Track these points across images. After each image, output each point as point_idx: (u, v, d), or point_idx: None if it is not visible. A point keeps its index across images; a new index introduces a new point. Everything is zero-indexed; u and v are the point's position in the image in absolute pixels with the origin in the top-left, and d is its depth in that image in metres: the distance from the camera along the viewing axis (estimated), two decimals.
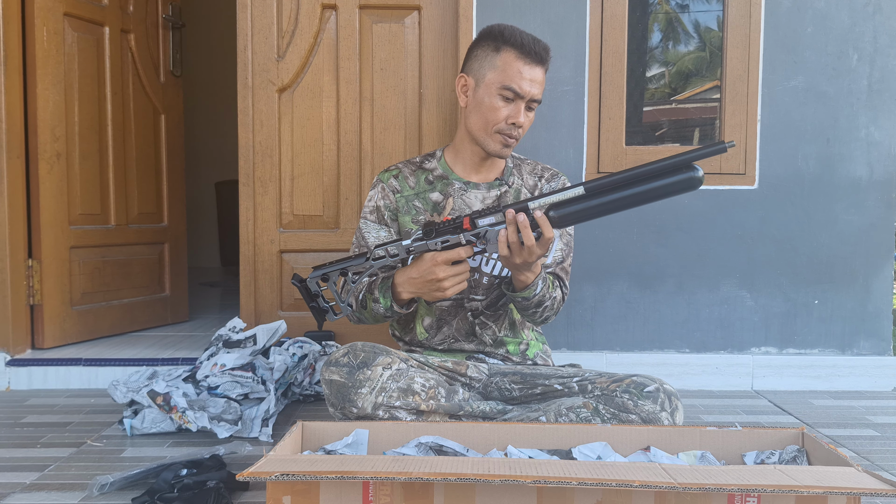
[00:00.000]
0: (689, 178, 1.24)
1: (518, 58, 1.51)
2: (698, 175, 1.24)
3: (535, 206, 1.34)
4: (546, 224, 1.32)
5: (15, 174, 2.23)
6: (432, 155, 1.70)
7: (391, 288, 1.49)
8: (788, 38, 2.24)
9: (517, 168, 1.69)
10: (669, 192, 1.26)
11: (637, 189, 1.27)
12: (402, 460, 1.12)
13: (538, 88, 1.54)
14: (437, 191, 1.64)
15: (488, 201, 1.63)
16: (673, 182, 1.25)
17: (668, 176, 1.25)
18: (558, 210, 1.32)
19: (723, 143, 1.22)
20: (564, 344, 2.28)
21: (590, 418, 1.41)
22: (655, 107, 2.50)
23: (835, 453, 1.22)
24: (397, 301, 1.49)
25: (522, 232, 1.33)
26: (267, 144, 2.27)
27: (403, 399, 1.44)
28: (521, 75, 1.51)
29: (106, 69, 2.52)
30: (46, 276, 2.32)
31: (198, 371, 1.80)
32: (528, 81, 1.52)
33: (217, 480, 1.34)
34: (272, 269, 2.29)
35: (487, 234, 1.38)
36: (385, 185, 1.66)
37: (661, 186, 1.25)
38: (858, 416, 1.98)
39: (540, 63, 1.53)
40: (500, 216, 1.37)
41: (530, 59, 1.52)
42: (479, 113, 1.56)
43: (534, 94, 1.53)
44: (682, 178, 1.24)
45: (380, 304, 1.51)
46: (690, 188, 1.25)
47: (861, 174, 2.26)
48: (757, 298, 2.28)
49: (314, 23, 2.25)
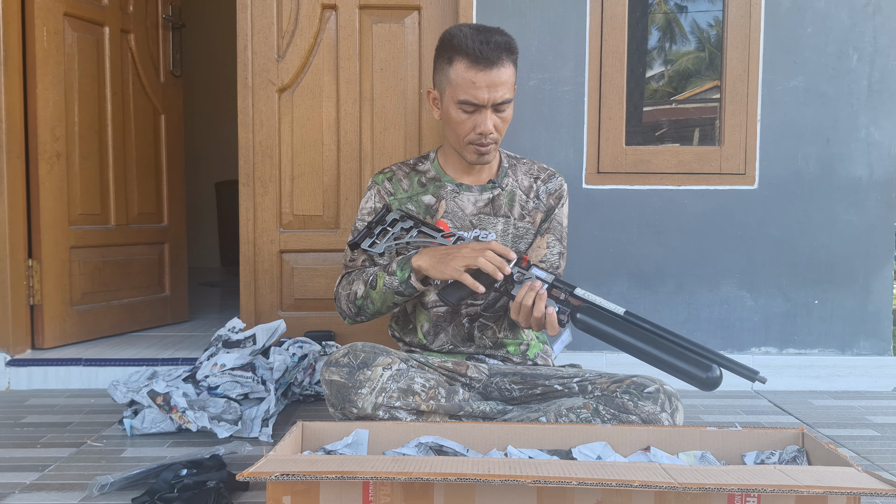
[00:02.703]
0: (707, 378, 1.26)
1: (468, 67, 1.45)
2: (715, 375, 1.26)
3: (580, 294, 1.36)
4: (553, 321, 1.35)
5: (15, 174, 2.23)
6: (426, 157, 1.70)
7: (410, 261, 1.47)
8: (788, 38, 2.24)
9: (512, 169, 1.67)
10: (683, 377, 1.29)
11: (659, 353, 1.29)
12: (402, 460, 1.12)
13: (501, 91, 1.47)
14: (430, 193, 1.63)
15: (480, 204, 1.62)
16: (692, 373, 1.27)
17: (691, 364, 1.27)
18: (586, 315, 1.34)
19: (757, 372, 1.25)
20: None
21: (590, 419, 1.41)
22: (655, 107, 2.50)
23: (835, 453, 1.22)
24: (416, 272, 1.46)
25: (537, 303, 1.36)
26: (267, 144, 2.27)
27: (403, 399, 1.44)
28: (474, 85, 1.45)
29: (106, 69, 2.52)
30: (46, 277, 2.32)
31: (198, 371, 1.80)
32: (485, 89, 1.45)
33: (217, 480, 1.34)
34: (272, 269, 2.29)
35: (524, 280, 1.41)
36: (380, 186, 1.66)
37: (679, 367, 1.28)
38: (858, 416, 1.98)
39: (494, 65, 1.45)
40: (551, 277, 1.40)
41: (482, 65, 1.44)
42: (450, 127, 1.55)
43: (495, 99, 1.47)
44: (700, 374, 1.26)
45: (395, 278, 1.48)
46: (703, 386, 1.27)
47: (861, 174, 2.26)
48: (757, 298, 2.28)
49: (314, 23, 2.25)
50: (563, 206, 1.67)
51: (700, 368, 1.26)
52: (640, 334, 1.31)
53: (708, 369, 1.26)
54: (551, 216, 1.66)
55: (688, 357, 1.27)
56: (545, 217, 1.66)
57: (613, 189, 2.26)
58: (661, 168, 2.26)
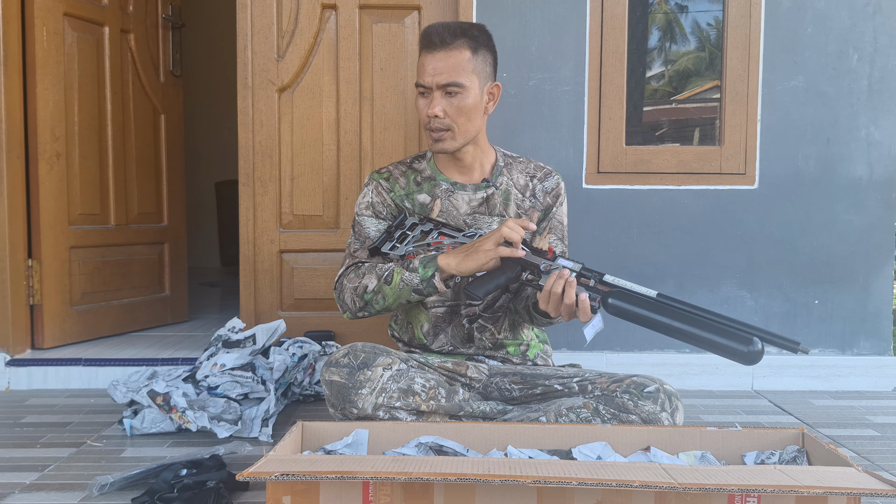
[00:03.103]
0: (749, 352, 1.22)
1: (423, 52, 1.51)
2: (757, 349, 1.22)
3: (609, 280, 1.35)
4: (585, 307, 1.32)
5: (15, 174, 2.23)
6: (423, 155, 1.69)
7: (435, 259, 1.46)
8: (788, 38, 2.24)
9: (507, 167, 1.66)
10: (724, 353, 1.25)
11: (698, 331, 1.25)
12: (402, 460, 1.12)
13: (444, 75, 1.47)
14: (425, 192, 1.63)
15: (474, 203, 1.61)
16: (733, 348, 1.23)
17: (732, 339, 1.23)
18: (618, 300, 1.31)
19: (798, 343, 1.22)
20: (564, 344, 2.28)
21: (590, 419, 1.41)
22: (655, 107, 2.51)
23: (835, 453, 1.22)
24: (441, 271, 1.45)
25: (567, 290, 1.33)
26: (267, 144, 2.27)
27: (404, 399, 1.44)
28: (423, 68, 1.50)
29: (106, 69, 2.52)
30: (46, 276, 2.32)
31: (197, 371, 1.80)
32: (430, 69, 1.49)
33: (217, 480, 1.34)
34: (272, 269, 2.29)
35: (551, 269, 1.39)
36: (378, 182, 1.66)
37: (720, 343, 1.24)
38: (858, 416, 1.98)
39: (441, 48, 1.47)
40: (578, 266, 1.38)
41: (431, 48, 1.49)
42: None
43: (439, 81, 1.48)
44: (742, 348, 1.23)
45: (416, 275, 1.46)
46: (745, 361, 1.23)
47: (861, 174, 2.26)
48: (757, 298, 2.28)
49: (314, 23, 2.25)
50: (562, 205, 1.67)
51: (741, 342, 1.22)
52: (675, 314, 1.27)
53: (749, 342, 1.22)
54: (550, 215, 1.65)
55: (727, 332, 1.24)
56: (543, 216, 1.65)
57: (613, 189, 2.26)
58: (661, 168, 2.26)
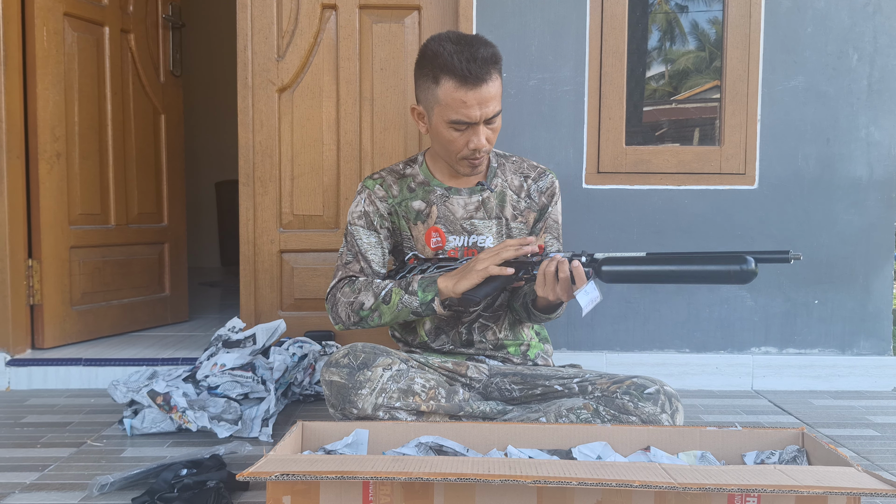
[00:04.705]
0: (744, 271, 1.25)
1: (457, 88, 1.43)
2: (751, 267, 1.25)
3: (600, 256, 1.38)
4: (580, 272, 1.35)
5: (15, 174, 2.23)
6: (414, 160, 1.67)
7: (434, 283, 1.47)
8: (788, 38, 2.24)
9: (501, 168, 1.65)
10: (722, 279, 1.28)
11: (692, 267, 1.29)
12: (402, 460, 1.12)
13: (491, 105, 1.46)
14: (420, 198, 1.62)
15: (471, 207, 1.61)
16: (729, 271, 1.26)
17: (725, 262, 1.27)
18: (610, 265, 1.35)
19: (788, 251, 1.26)
20: (565, 344, 2.28)
21: (590, 419, 1.41)
22: (655, 107, 2.51)
23: (835, 453, 1.22)
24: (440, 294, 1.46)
25: (560, 267, 1.36)
26: (267, 144, 2.27)
27: (404, 400, 1.44)
28: (465, 105, 1.44)
29: (106, 69, 2.52)
30: (46, 276, 2.32)
31: (198, 371, 1.80)
32: (476, 106, 1.44)
33: (217, 480, 1.34)
34: (272, 269, 2.29)
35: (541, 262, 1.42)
36: (371, 191, 1.63)
37: (715, 271, 1.27)
38: (858, 416, 1.98)
39: (483, 82, 1.43)
40: (570, 254, 1.41)
41: (471, 84, 1.42)
42: (440, 143, 1.53)
43: (486, 114, 1.45)
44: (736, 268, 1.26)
45: (415, 298, 1.47)
46: (742, 279, 1.26)
47: (861, 174, 2.26)
48: (757, 298, 2.28)
49: (314, 23, 2.25)
50: (556, 204, 1.67)
51: (734, 262, 1.26)
52: (666, 259, 1.32)
53: (742, 261, 1.25)
54: (545, 215, 1.65)
55: (719, 258, 1.27)
56: (539, 216, 1.65)
57: (613, 189, 2.26)
58: (661, 168, 2.26)
